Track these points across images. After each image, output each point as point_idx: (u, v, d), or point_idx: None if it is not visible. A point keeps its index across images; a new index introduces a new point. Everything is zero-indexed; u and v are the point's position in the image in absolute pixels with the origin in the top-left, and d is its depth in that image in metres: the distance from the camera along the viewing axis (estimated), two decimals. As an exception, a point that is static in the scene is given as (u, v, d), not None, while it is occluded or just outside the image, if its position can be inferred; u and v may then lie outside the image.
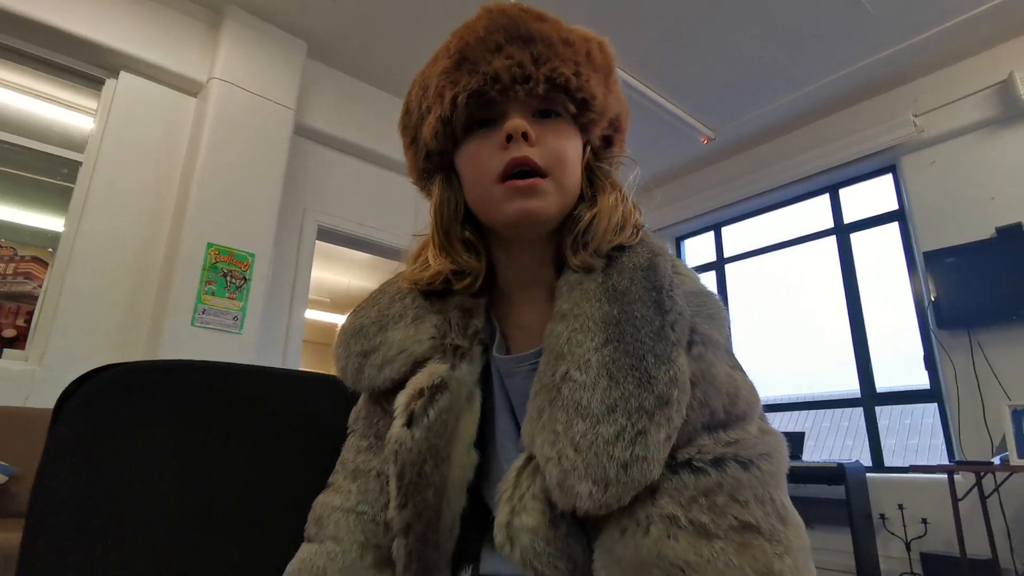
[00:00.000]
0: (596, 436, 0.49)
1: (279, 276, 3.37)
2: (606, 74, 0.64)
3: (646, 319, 0.55)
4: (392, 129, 3.29)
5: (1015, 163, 3.48)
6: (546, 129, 0.60)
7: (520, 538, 0.51)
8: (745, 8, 3.30)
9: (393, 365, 0.61)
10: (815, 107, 4.27)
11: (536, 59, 0.59)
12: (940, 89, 3.82)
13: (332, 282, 7.73)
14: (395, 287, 0.68)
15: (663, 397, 0.50)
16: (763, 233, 4.90)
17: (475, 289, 0.65)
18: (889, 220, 4.13)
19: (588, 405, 0.51)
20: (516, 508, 0.52)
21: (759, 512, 0.49)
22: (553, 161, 0.59)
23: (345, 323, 0.67)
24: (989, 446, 3.25)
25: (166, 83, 3.20)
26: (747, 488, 0.49)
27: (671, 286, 0.58)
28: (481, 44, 0.60)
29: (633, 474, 0.48)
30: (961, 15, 3.36)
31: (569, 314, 0.58)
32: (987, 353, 3.39)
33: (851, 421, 4.44)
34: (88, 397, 0.57)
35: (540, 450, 0.52)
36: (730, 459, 0.51)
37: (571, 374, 0.53)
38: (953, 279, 3.54)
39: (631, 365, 0.52)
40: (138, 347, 2.84)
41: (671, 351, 0.53)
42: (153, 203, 3.05)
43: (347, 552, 0.59)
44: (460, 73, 0.60)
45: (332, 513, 0.61)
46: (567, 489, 0.49)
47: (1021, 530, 3.07)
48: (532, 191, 0.59)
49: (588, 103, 0.61)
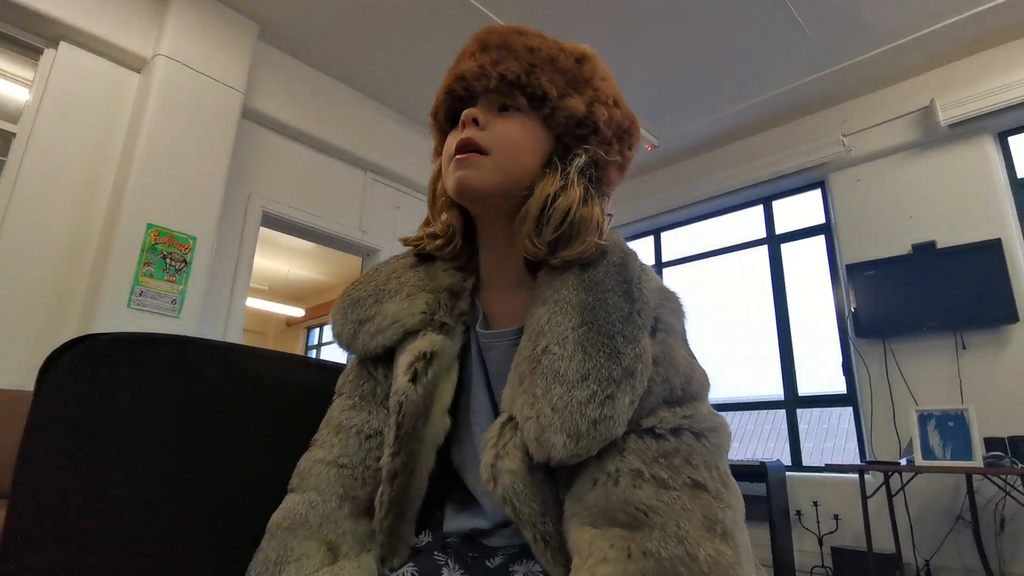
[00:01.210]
0: (571, 398, 0.57)
1: (221, 261, 3.30)
2: (574, 78, 0.72)
3: (616, 306, 0.63)
4: (341, 118, 3.31)
5: (932, 185, 3.74)
6: (501, 119, 0.70)
7: (503, 477, 0.59)
8: (689, 22, 3.43)
9: (386, 333, 0.69)
10: (753, 122, 4.47)
11: (495, 61, 0.69)
12: (868, 111, 4.07)
13: (272, 270, 7.57)
14: (391, 267, 0.78)
15: (629, 369, 0.59)
16: (700, 240, 5.09)
17: (450, 250, 0.74)
18: (817, 233, 4.36)
19: (565, 373, 0.59)
20: (500, 453, 0.60)
21: (707, 475, 0.57)
22: (496, 142, 0.68)
23: (343, 294, 0.76)
24: (897, 448, 3.49)
25: (108, 56, 3.09)
26: (698, 455, 0.58)
27: (639, 280, 0.66)
28: (463, 54, 0.73)
29: (601, 430, 0.56)
30: (889, 43, 3.59)
31: (550, 299, 0.65)
32: (899, 361, 3.64)
33: (773, 424, 4.71)
34: (72, 365, 0.58)
35: (520, 411, 0.60)
36: (685, 429, 0.59)
37: (551, 348, 0.61)
38: (871, 291, 3.78)
39: (602, 343, 0.60)
40: (70, 327, 2.75)
41: (637, 333, 0.61)
42: (90, 180, 2.94)
43: (327, 501, 0.65)
44: (447, 76, 0.73)
45: (315, 466, 0.68)
46: (543, 442, 0.57)
47: (923, 527, 3.31)
48: (467, 162, 0.67)
49: (540, 98, 0.69)
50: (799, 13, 3.33)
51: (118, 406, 0.61)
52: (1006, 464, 2.70)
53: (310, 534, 0.63)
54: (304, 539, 0.63)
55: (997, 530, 3.07)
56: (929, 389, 3.49)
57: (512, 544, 0.68)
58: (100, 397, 0.60)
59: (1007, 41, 3.55)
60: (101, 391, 0.61)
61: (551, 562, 0.59)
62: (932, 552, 3.24)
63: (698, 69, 3.87)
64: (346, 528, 0.65)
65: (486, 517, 0.69)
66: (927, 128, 3.76)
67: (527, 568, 0.64)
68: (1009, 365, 3.27)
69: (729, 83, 4.02)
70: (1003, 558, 3.04)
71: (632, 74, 3.90)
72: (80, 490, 0.57)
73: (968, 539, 3.13)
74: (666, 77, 3.96)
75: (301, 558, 0.61)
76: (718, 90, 4.08)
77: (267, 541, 0.63)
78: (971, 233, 3.51)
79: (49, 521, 0.55)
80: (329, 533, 0.64)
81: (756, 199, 4.71)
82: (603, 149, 0.72)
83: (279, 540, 0.62)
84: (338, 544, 0.64)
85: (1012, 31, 3.48)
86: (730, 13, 3.35)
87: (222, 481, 0.67)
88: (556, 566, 0.59)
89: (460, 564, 0.67)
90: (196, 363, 0.69)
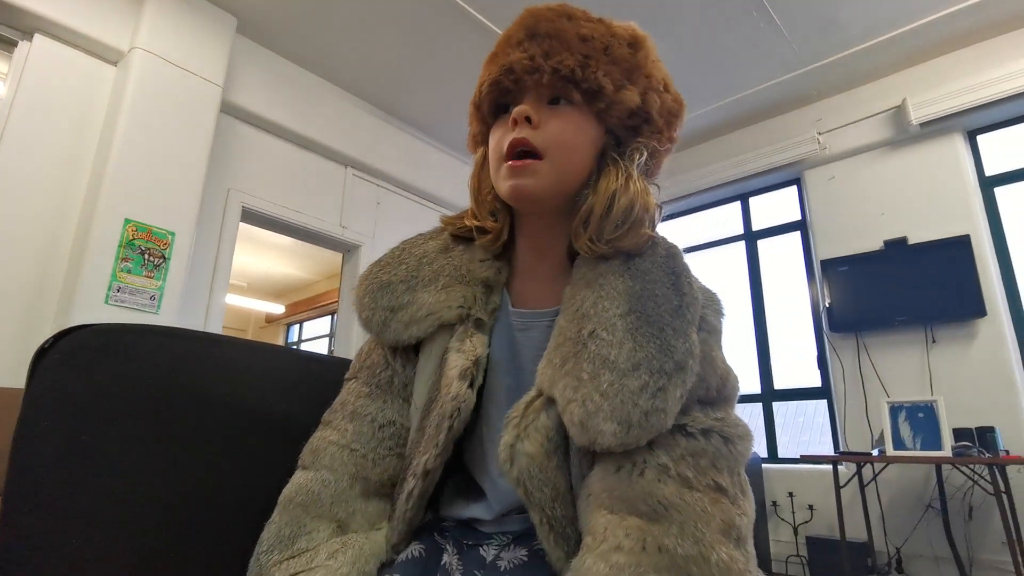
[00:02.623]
0: (622, 386, 0.57)
1: (200, 257, 3.27)
2: (629, 68, 0.69)
3: (665, 297, 0.63)
4: (321, 113, 3.28)
5: (904, 182, 3.83)
6: (553, 115, 0.67)
7: (519, 459, 0.59)
8: (670, 20, 3.47)
9: (420, 325, 0.69)
10: (731, 120, 4.53)
11: (547, 53, 0.66)
12: (843, 110, 4.14)
13: (251, 267, 7.49)
14: (421, 250, 0.75)
15: (680, 364, 0.59)
16: (679, 236, 5.14)
17: (496, 246, 0.73)
18: (792, 229, 4.44)
19: (615, 360, 0.59)
20: (521, 435, 0.60)
21: (729, 480, 0.58)
22: (551, 144, 0.65)
23: (366, 275, 0.73)
24: (870, 439, 3.57)
25: (84, 49, 3.04)
26: (724, 459, 0.59)
27: (688, 275, 0.66)
28: (508, 41, 0.69)
29: (652, 421, 0.56)
30: (864, 43, 3.66)
31: (594, 283, 0.65)
32: (871, 355, 3.72)
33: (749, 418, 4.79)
34: (66, 354, 0.59)
35: (561, 393, 0.60)
36: (716, 432, 0.60)
37: (598, 332, 0.61)
38: (845, 286, 3.86)
39: (652, 334, 0.60)
40: (46, 324, 2.71)
41: (687, 328, 0.61)
42: (66, 174, 2.89)
43: (339, 480, 0.66)
44: (492, 66, 0.69)
45: (328, 447, 0.68)
46: (590, 427, 0.57)
47: (894, 515, 3.40)
48: (524, 170, 0.65)
49: (597, 93, 0.67)
50: (777, 13, 3.39)
51: (110, 395, 0.62)
52: (974, 454, 2.78)
53: (321, 512, 0.64)
54: (315, 517, 0.64)
55: (966, 518, 3.16)
56: (900, 382, 3.58)
57: (506, 531, 0.69)
58: (93, 386, 0.61)
59: (977, 42, 3.63)
60: (93, 380, 0.61)
61: (553, 545, 0.60)
62: (903, 540, 3.32)
63: (678, 66, 3.86)
64: (356, 508, 0.67)
65: (486, 508, 0.69)
66: (899, 127, 3.84)
67: (513, 555, 0.65)
68: (977, 358, 3.37)
69: (708, 81, 4.06)
70: (971, 544, 3.14)
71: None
72: (73, 476, 0.57)
73: (938, 527, 3.22)
74: (645, 75, 3.98)
75: (312, 532, 0.63)
76: (697, 87, 4.13)
77: (279, 514, 0.64)
78: (941, 229, 3.60)
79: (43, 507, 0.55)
80: (340, 512, 0.65)
81: (734, 196, 4.77)
82: (655, 138, 0.72)
83: (291, 515, 0.64)
84: (348, 522, 0.66)
85: (981, 32, 3.57)
86: (709, 12, 3.39)
87: (213, 470, 0.68)
88: (557, 549, 0.60)
89: (456, 549, 0.68)
90: (186, 354, 0.70)
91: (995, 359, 3.32)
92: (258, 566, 0.61)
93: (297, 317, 8.84)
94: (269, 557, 0.61)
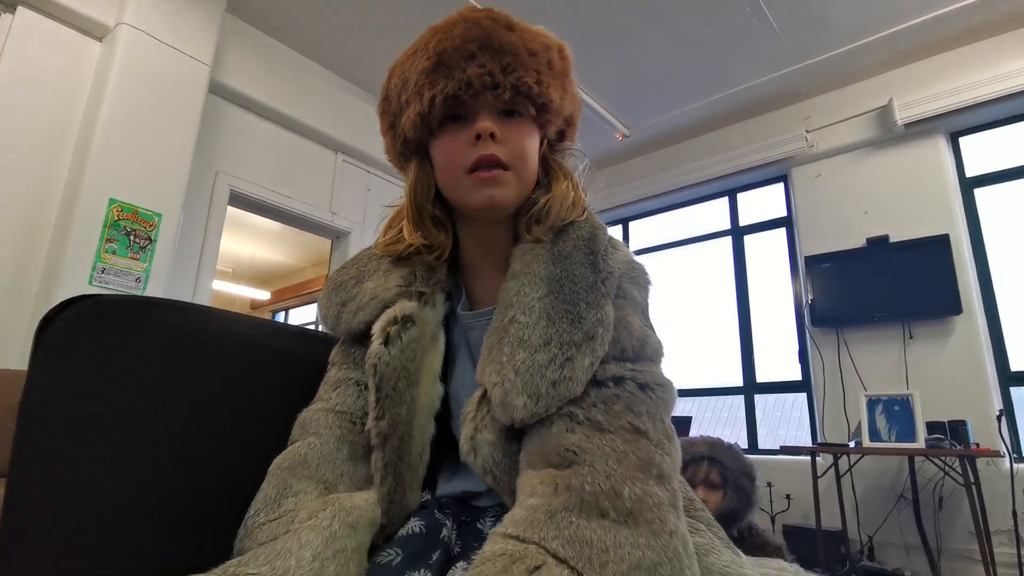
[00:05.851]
0: (533, 361, 0.61)
1: (187, 239, 3.24)
2: (563, 78, 0.74)
3: (582, 276, 0.67)
4: (312, 97, 3.24)
5: (887, 181, 3.89)
6: (510, 128, 0.70)
7: (482, 449, 0.62)
8: (662, 15, 3.48)
9: (366, 310, 0.71)
10: (720, 115, 4.56)
11: (504, 69, 0.68)
12: (830, 109, 4.19)
13: (236, 251, 7.41)
14: (371, 252, 0.79)
15: (590, 333, 0.62)
16: (667, 230, 5.19)
17: (443, 260, 0.76)
18: (778, 225, 4.49)
19: (529, 339, 0.63)
20: (478, 427, 0.63)
21: (649, 424, 0.61)
22: (515, 157, 0.70)
23: (328, 279, 0.78)
24: (847, 431, 3.65)
25: (68, 23, 2.98)
26: (642, 404, 0.62)
27: (605, 252, 0.70)
28: (457, 51, 0.68)
29: (560, 390, 0.60)
30: (852, 43, 3.70)
31: (520, 273, 0.69)
32: (851, 349, 3.79)
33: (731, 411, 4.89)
34: (71, 323, 0.59)
35: (489, 379, 0.63)
36: (629, 379, 0.63)
37: (517, 317, 0.65)
38: (828, 282, 3.92)
39: (566, 310, 0.64)
40: (27, 305, 2.67)
41: (600, 300, 0.65)
42: (49, 152, 2.84)
43: (325, 443, 0.67)
44: (437, 76, 0.68)
45: (314, 415, 0.70)
46: (507, 404, 0.60)
47: (867, 505, 3.48)
48: (495, 181, 0.69)
49: (547, 106, 0.72)
50: (770, 11, 3.41)
51: (116, 366, 0.62)
52: (946, 446, 2.86)
53: (308, 473, 0.64)
54: (302, 478, 0.64)
55: (936, 508, 3.25)
56: (878, 376, 3.66)
57: (500, 503, 0.71)
58: (99, 356, 0.61)
59: (962, 45, 3.69)
60: (99, 350, 0.61)
61: None
62: (875, 529, 3.40)
63: (669, 61, 3.93)
64: (344, 470, 0.67)
65: (476, 480, 0.71)
66: (884, 126, 3.89)
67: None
68: (951, 354, 3.45)
69: (699, 76, 4.09)
70: (940, 534, 3.22)
71: (604, 64, 3.94)
72: (81, 448, 0.57)
73: (909, 516, 3.31)
74: (637, 68, 4.01)
75: (299, 493, 0.63)
76: (688, 82, 4.15)
77: (267, 481, 0.65)
78: (922, 228, 3.67)
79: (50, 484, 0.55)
80: (327, 473, 0.65)
81: (721, 191, 4.81)
82: (571, 136, 0.80)
83: (278, 479, 0.64)
84: (335, 484, 0.66)
85: (967, 35, 3.62)
86: (703, 8, 3.42)
87: (220, 442, 0.69)
88: None
89: (455, 524, 0.70)
90: (189, 327, 0.70)
91: (969, 355, 3.40)
92: (244, 529, 0.61)
93: (282, 304, 8.77)
94: (256, 520, 0.61)
